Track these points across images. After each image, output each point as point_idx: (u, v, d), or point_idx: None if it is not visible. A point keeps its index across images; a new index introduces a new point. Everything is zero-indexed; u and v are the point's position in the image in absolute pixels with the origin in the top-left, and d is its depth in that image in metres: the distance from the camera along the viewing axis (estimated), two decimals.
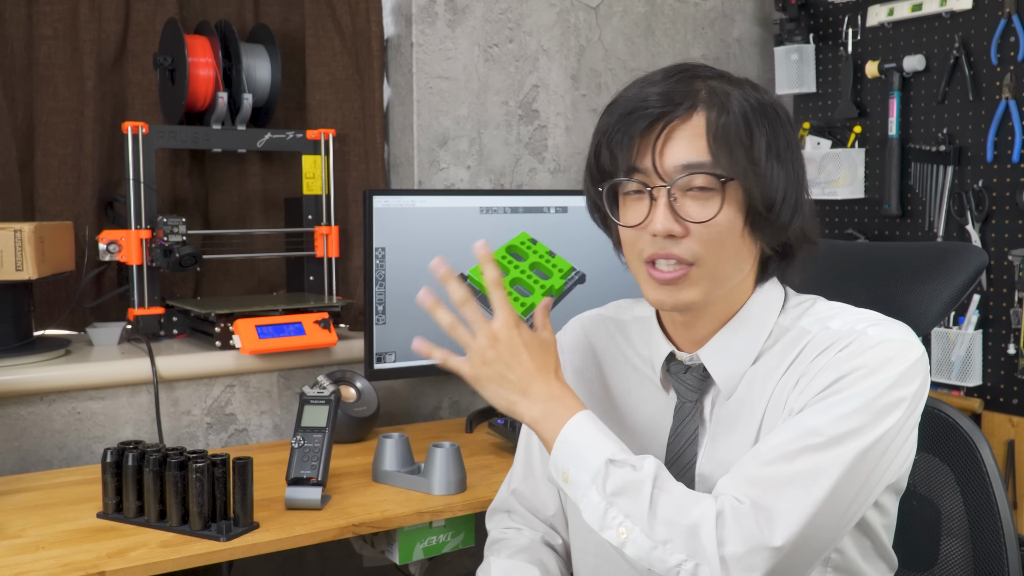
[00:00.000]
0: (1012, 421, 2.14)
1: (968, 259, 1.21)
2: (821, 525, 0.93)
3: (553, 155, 2.41)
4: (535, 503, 1.26)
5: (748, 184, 0.98)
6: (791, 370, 1.02)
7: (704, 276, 1.00)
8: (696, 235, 0.98)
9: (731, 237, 1.00)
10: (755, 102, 1.00)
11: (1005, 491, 1.18)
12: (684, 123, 0.98)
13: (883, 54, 2.40)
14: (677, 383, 1.09)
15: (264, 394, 2.04)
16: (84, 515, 1.48)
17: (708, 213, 0.98)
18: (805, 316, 1.06)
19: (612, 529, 0.96)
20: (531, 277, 2.10)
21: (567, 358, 1.23)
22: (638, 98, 1.00)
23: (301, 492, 1.51)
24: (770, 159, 0.99)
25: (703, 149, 0.98)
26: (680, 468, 1.06)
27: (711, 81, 1.01)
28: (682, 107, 0.98)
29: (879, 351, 0.97)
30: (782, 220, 1.01)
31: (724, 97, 0.99)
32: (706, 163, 0.97)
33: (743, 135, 0.98)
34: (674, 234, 0.98)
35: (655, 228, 0.98)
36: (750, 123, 0.99)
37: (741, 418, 1.05)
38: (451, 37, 2.25)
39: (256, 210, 2.25)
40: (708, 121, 0.98)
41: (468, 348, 1.07)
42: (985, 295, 2.19)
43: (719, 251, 0.99)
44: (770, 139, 1.00)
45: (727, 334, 1.06)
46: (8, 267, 1.75)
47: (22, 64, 2.02)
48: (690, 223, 0.98)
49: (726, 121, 0.97)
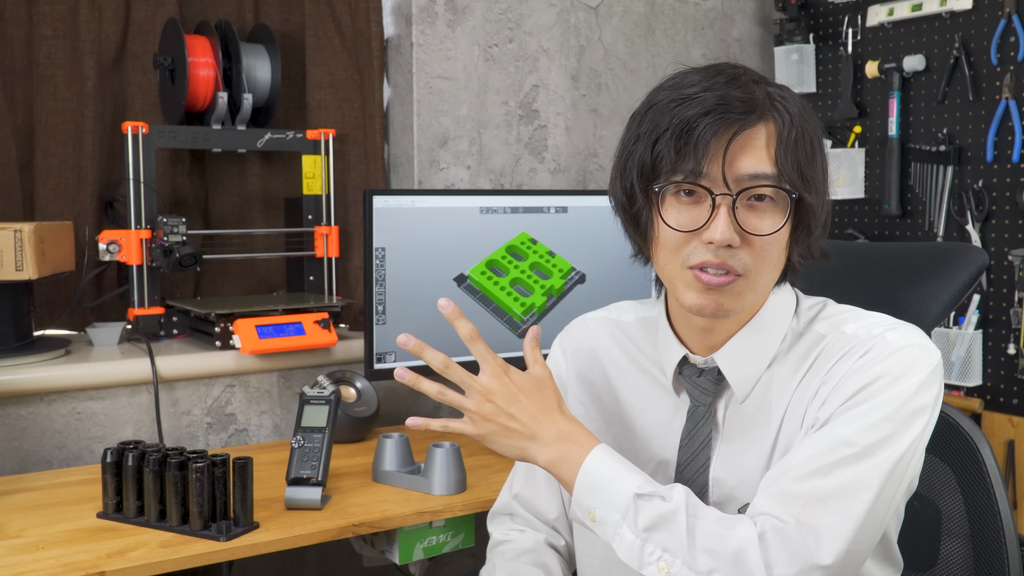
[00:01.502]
0: (1012, 421, 2.14)
1: (968, 259, 1.21)
2: (864, 538, 0.93)
3: (553, 155, 2.41)
4: (537, 507, 1.25)
5: (811, 200, 0.98)
6: (809, 377, 1.02)
7: (748, 286, 1.00)
8: (752, 247, 0.98)
9: (781, 251, 1.01)
10: (811, 117, 1.01)
11: (1005, 491, 1.18)
12: (755, 131, 0.97)
13: (883, 54, 2.40)
14: (691, 386, 1.08)
15: (264, 394, 2.04)
16: (84, 515, 1.48)
17: (771, 226, 0.97)
18: (818, 320, 1.06)
19: (651, 565, 0.94)
20: (531, 277, 2.10)
21: (571, 361, 1.22)
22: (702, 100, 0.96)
23: (301, 492, 1.51)
24: (823, 177, 1.01)
25: (769, 160, 0.97)
26: (693, 471, 1.06)
27: (767, 87, 1.00)
28: (754, 115, 0.96)
29: (901, 357, 0.97)
30: (818, 236, 1.02)
31: (787, 107, 0.98)
32: (771, 175, 0.96)
33: (807, 150, 0.98)
34: (733, 244, 0.97)
35: (714, 236, 0.96)
36: (812, 139, 0.99)
37: (757, 423, 1.05)
38: (451, 37, 2.25)
39: (256, 210, 2.25)
40: (779, 132, 0.97)
41: (465, 409, 1.05)
42: (985, 295, 2.19)
43: (768, 263, 0.99)
44: (823, 157, 1.01)
45: (743, 338, 1.05)
46: (8, 267, 1.75)
47: (22, 64, 2.02)
48: (751, 235, 0.97)
49: (792, 134, 0.97)
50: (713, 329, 1.06)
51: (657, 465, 1.11)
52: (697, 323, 1.07)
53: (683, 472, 1.07)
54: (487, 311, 2.05)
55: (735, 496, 1.05)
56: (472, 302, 2.03)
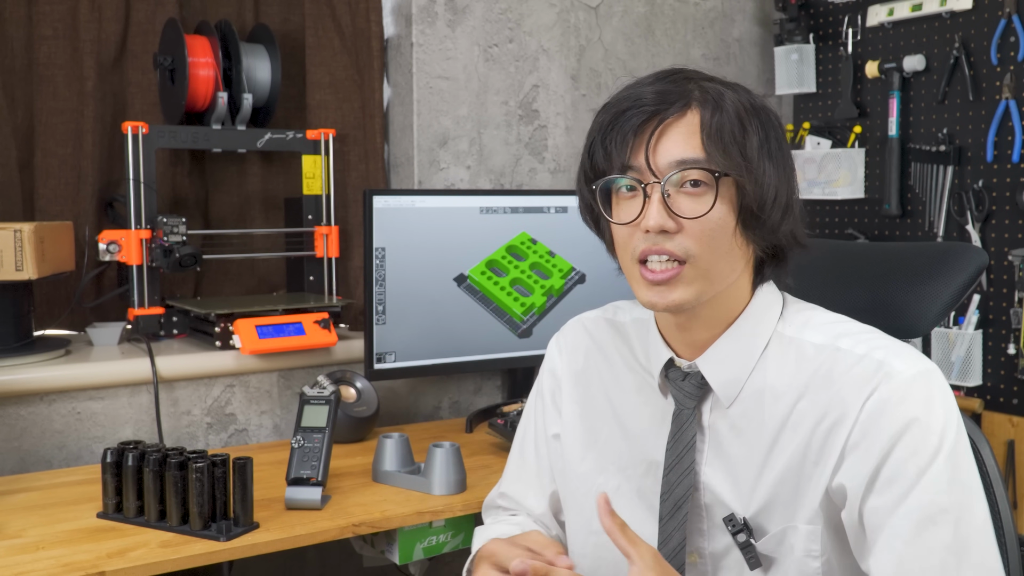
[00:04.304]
0: (1012, 421, 2.14)
1: (968, 259, 1.21)
2: None
3: (553, 155, 2.41)
4: (524, 504, 1.27)
5: (741, 181, 0.98)
6: (811, 398, 1.01)
7: (697, 275, 1.00)
8: (689, 231, 0.98)
9: (723, 235, 1.00)
10: (747, 103, 1.01)
11: (1005, 491, 1.18)
12: (678, 120, 0.99)
13: (883, 54, 2.40)
14: (675, 389, 1.09)
15: (264, 394, 2.04)
16: (84, 515, 1.48)
17: (701, 208, 0.98)
18: (808, 328, 1.05)
19: None
20: (531, 277, 2.10)
21: (567, 360, 1.23)
22: (632, 97, 1.00)
23: (301, 492, 1.51)
24: (762, 158, 0.99)
25: (697, 146, 0.98)
26: (679, 473, 1.06)
27: (704, 83, 1.02)
28: (676, 105, 0.99)
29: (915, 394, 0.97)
30: (773, 220, 1.01)
31: (718, 96, 0.99)
32: (700, 159, 0.97)
33: (737, 132, 0.98)
34: (667, 230, 0.98)
35: (648, 223, 0.98)
36: (743, 121, 0.99)
37: (748, 432, 1.04)
38: (451, 37, 2.25)
39: (256, 210, 2.25)
40: (702, 119, 0.98)
41: None
42: (985, 295, 2.19)
43: (711, 248, 0.99)
44: (763, 138, 1.00)
45: (726, 342, 1.05)
46: (8, 267, 1.75)
47: (22, 64, 2.02)
48: (683, 219, 0.98)
49: (720, 119, 0.98)
50: (689, 327, 1.06)
51: (648, 466, 1.11)
52: (671, 320, 1.07)
53: (669, 474, 1.07)
54: (487, 311, 2.05)
55: (724, 502, 1.05)
56: (472, 302, 2.03)
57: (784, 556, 1.02)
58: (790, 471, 1.01)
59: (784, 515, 1.02)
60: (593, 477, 1.16)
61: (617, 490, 1.13)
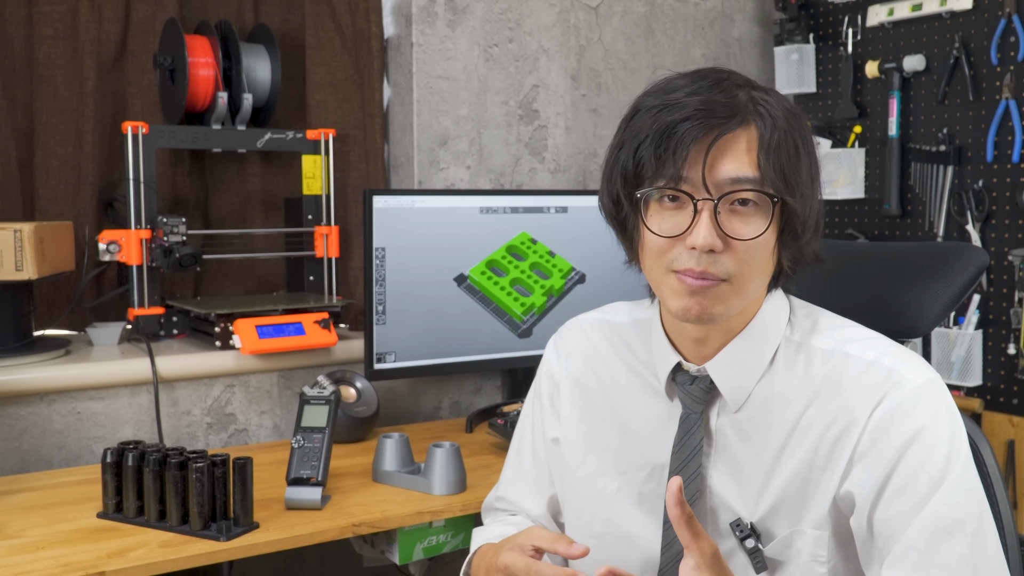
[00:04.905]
0: (1012, 421, 2.14)
1: (968, 259, 1.21)
2: None
3: (553, 155, 2.41)
4: (521, 508, 1.27)
5: (794, 204, 0.97)
6: (820, 404, 1.01)
7: (733, 292, 0.98)
8: (735, 251, 0.96)
9: (766, 256, 0.99)
10: (797, 120, 1.00)
11: (1005, 491, 1.18)
12: (736, 135, 0.96)
13: (883, 54, 2.40)
14: (683, 393, 1.08)
15: (264, 394, 2.04)
16: (84, 515, 1.48)
17: (754, 231, 0.96)
18: (816, 333, 1.05)
19: None
20: (531, 277, 2.10)
21: (565, 363, 1.22)
22: (683, 105, 0.96)
23: (301, 492, 1.51)
24: (811, 179, 0.99)
25: (752, 164, 0.96)
26: (686, 477, 1.06)
27: (751, 91, 0.99)
28: (736, 119, 0.96)
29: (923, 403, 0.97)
30: (806, 239, 1.01)
31: (772, 110, 0.97)
32: (755, 178, 0.95)
33: (791, 153, 0.97)
34: (715, 249, 0.96)
35: (696, 241, 0.95)
36: (797, 143, 0.98)
37: (755, 437, 1.04)
38: (451, 37, 2.25)
39: (256, 210, 2.25)
40: (760, 136, 0.96)
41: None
42: (985, 295, 2.19)
43: (752, 269, 0.98)
44: (811, 159, 1.00)
45: (736, 347, 1.05)
46: (8, 267, 1.75)
47: (22, 64, 2.02)
48: (733, 239, 0.96)
49: (777, 138, 0.96)
50: (707, 339, 1.05)
51: (652, 469, 1.10)
52: (690, 332, 1.06)
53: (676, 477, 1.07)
54: (487, 311, 2.05)
55: (730, 506, 1.05)
56: (472, 302, 2.03)
57: (790, 560, 1.01)
58: (797, 477, 1.01)
59: (790, 520, 1.01)
60: (593, 480, 1.15)
61: (617, 492, 1.13)
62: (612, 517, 1.13)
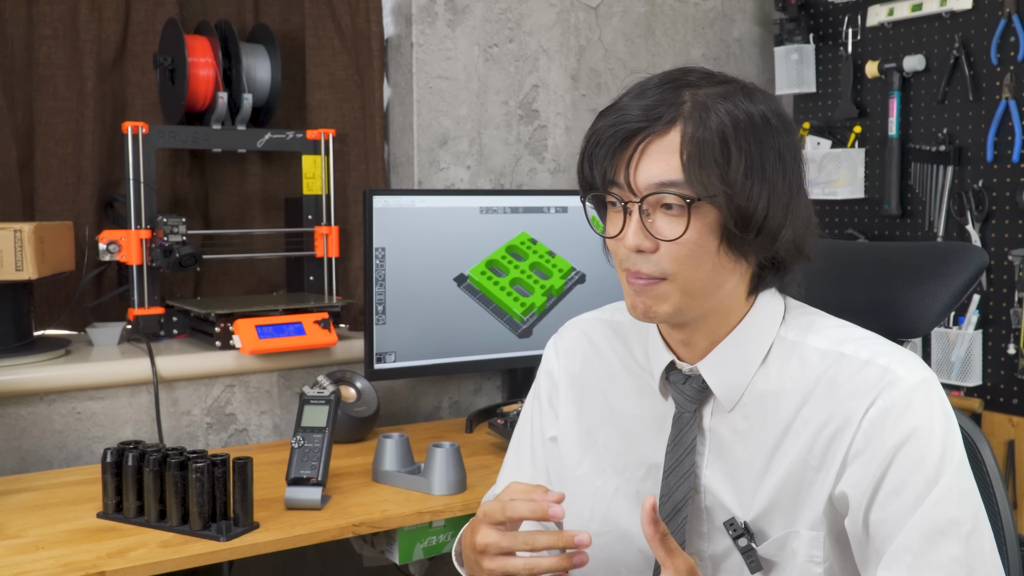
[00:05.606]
0: (1012, 421, 2.14)
1: (968, 259, 1.21)
2: None
3: (553, 155, 2.41)
4: None
5: (720, 204, 0.96)
6: (815, 404, 1.01)
7: (675, 290, 0.99)
8: (666, 251, 0.98)
9: (704, 255, 0.98)
10: (742, 115, 0.97)
11: (1005, 491, 1.18)
12: (660, 139, 0.97)
13: (883, 54, 2.40)
14: (676, 392, 1.08)
15: (264, 394, 2.04)
16: (84, 515, 1.48)
17: (676, 231, 0.97)
18: (811, 333, 1.05)
19: None
20: (531, 277, 2.10)
21: (563, 362, 1.22)
22: (621, 110, 0.99)
23: (301, 492, 1.51)
24: (749, 177, 0.96)
25: (676, 167, 0.95)
26: (679, 476, 1.06)
27: (701, 91, 0.98)
28: (660, 122, 0.96)
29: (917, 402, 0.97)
30: (766, 236, 0.99)
31: (704, 112, 0.96)
32: (678, 181, 0.95)
33: (717, 153, 0.95)
34: (643, 249, 0.98)
35: (626, 242, 0.99)
36: (727, 140, 0.95)
37: (750, 436, 1.04)
38: (451, 37, 2.25)
39: (256, 210, 2.25)
40: (683, 138, 0.96)
41: None
42: (985, 295, 2.19)
43: (691, 268, 0.98)
44: (751, 156, 0.96)
45: (726, 348, 1.05)
46: (8, 267, 1.75)
47: (22, 64, 2.02)
48: (660, 240, 0.98)
49: (701, 138, 0.95)
50: (690, 341, 1.06)
51: (648, 469, 1.11)
52: (673, 334, 1.07)
53: (669, 476, 1.07)
54: (487, 311, 2.05)
55: (724, 505, 1.05)
56: (472, 302, 2.03)
57: (786, 561, 1.02)
58: (792, 476, 1.01)
59: (785, 520, 1.01)
60: (591, 479, 1.16)
61: (615, 492, 1.13)
62: (610, 515, 1.13)
